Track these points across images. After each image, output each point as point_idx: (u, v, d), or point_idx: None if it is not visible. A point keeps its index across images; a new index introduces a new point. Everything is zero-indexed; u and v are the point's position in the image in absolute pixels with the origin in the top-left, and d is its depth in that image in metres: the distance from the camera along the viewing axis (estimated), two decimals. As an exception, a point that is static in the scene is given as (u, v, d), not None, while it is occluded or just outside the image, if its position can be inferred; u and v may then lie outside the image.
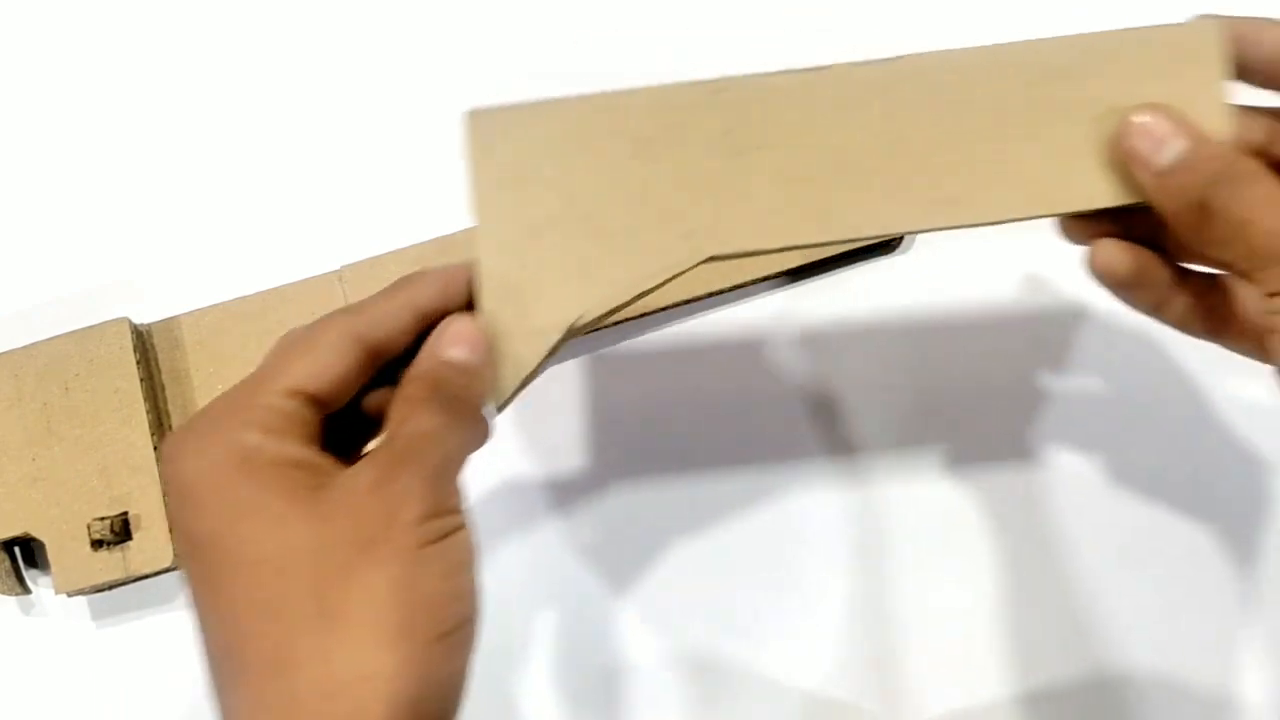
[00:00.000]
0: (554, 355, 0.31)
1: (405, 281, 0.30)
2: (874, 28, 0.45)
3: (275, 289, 0.42)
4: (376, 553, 0.25)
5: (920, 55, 0.31)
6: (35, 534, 0.38)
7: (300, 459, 0.26)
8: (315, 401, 0.27)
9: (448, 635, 0.26)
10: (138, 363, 0.39)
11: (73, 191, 0.44)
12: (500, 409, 0.30)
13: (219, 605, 0.26)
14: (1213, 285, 0.31)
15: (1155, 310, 0.31)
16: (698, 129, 0.31)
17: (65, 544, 0.38)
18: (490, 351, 0.29)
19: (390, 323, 0.29)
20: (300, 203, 0.44)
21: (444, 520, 0.26)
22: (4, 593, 0.39)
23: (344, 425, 0.29)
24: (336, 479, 0.26)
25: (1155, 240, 0.30)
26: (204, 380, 0.41)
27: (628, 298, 0.31)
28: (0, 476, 0.39)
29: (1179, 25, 0.30)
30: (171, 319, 0.41)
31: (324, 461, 0.27)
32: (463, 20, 0.45)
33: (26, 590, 0.40)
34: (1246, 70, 0.29)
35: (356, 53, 0.45)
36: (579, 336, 0.31)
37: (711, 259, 0.31)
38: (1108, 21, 0.31)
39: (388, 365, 0.29)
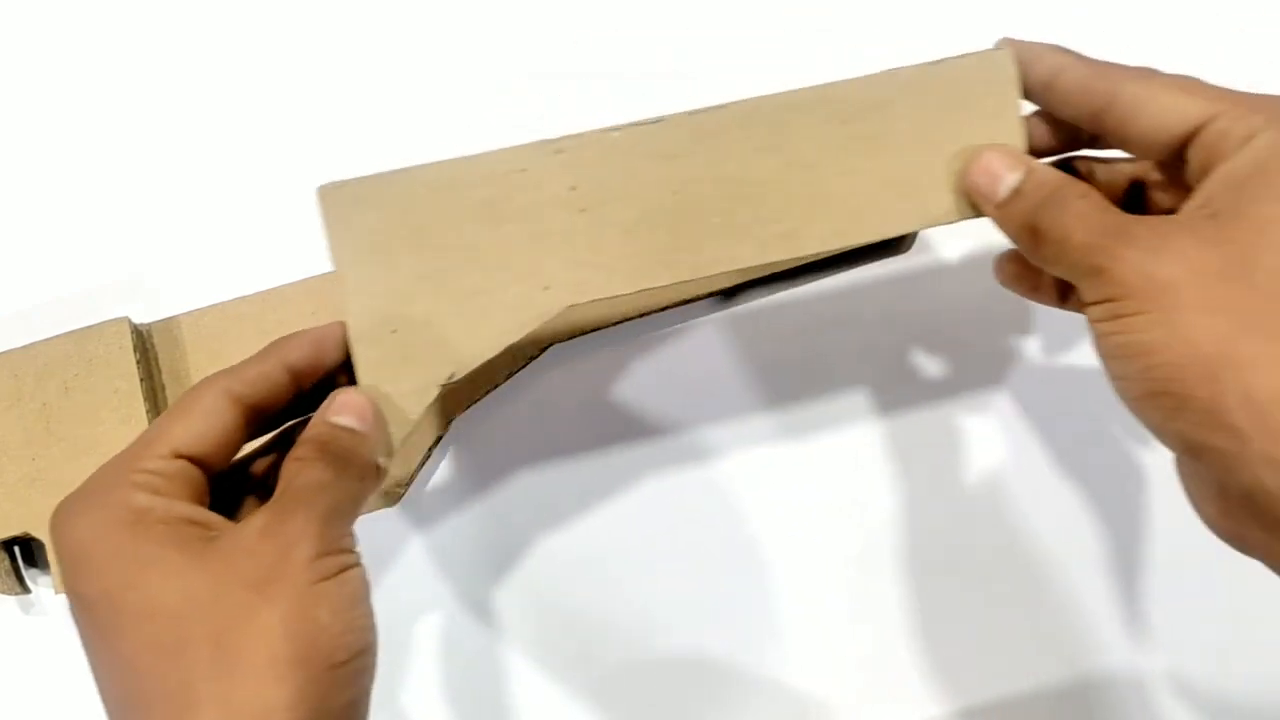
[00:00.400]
0: (433, 411, 0.33)
1: (279, 342, 0.32)
2: (874, 28, 0.45)
3: (275, 289, 0.42)
4: (270, 591, 0.27)
5: (744, 101, 0.33)
6: (35, 534, 0.38)
7: (190, 516, 0.28)
8: (198, 462, 0.29)
9: (343, 665, 0.27)
10: (137, 363, 0.39)
11: (72, 191, 0.44)
12: (390, 485, 0.32)
13: (118, 658, 0.27)
14: None
15: (1031, 294, 0.35)
16: (543, 188, 0.32)
17: (65, 544, 0.38)
18: (378, 417, 0.31)
19: (264, 382, 0.30)
20: (300, 203, 0.44)
21: (336, 558, 0.28)
22: (4, 592, 0.39)
23: (232, 489, 0.31)
24: (229, 530, 0.28)
25: None
26: (204, 380, 0.41)
27: (495, 351, 0.32)
28: (0, 476, 0.39)
29: (977, 54, 0.33)
30: (171, 319, 0.41)
31: (214, 518, 0.28)
32: (463, 21, 0.45)
33: (26, 590, 0.40)
34: (1028, 91, 0.32)
35: (356, 53, 0.45)
36: (453, 386, 0.33)
37: (572, 307, 0.33)
38: (1103, 13, 0.31)
39: (268, 424, 0.31)
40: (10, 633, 0.41)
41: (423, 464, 0.42)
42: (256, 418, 0.31)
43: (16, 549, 0.40)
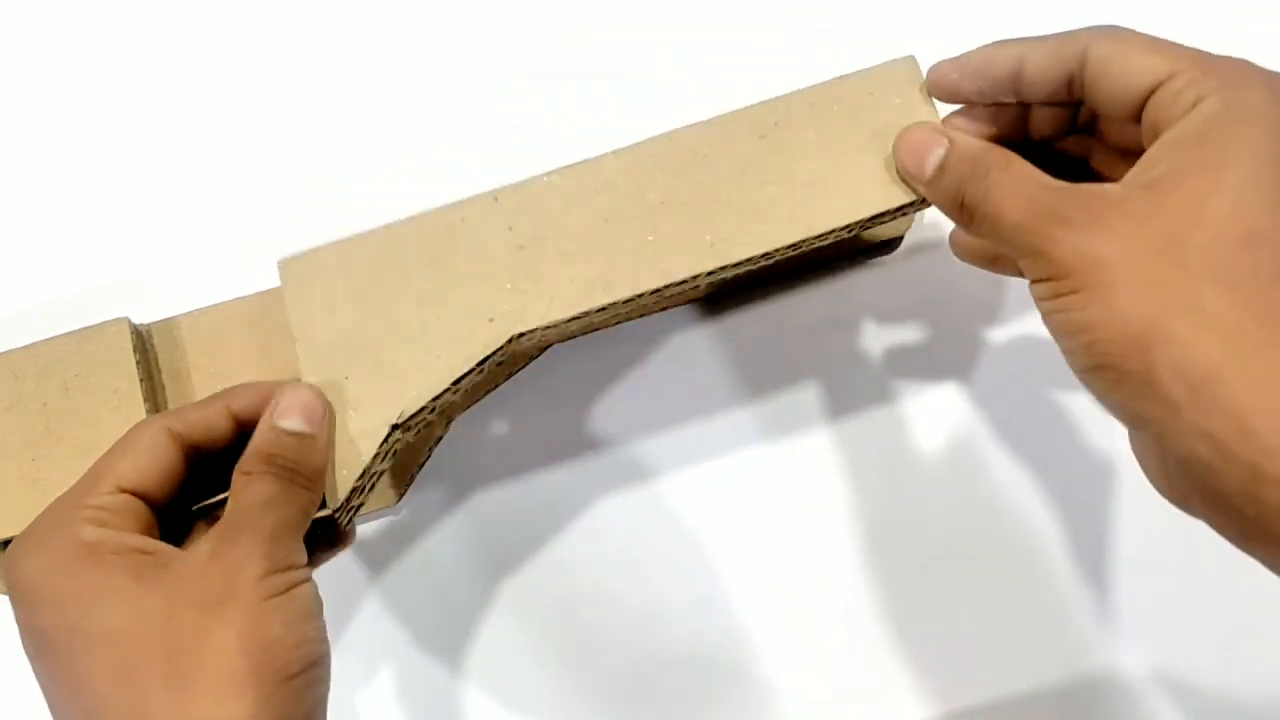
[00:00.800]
0: (386, 454, 0.35)
1: (226, 390, 0.33)
2: (874, 28, 0.45)
3: (275, 289, 0.42)
4: (221, 611, 0.28)
5: (662, 134, 0.35)
6: (35, 534, 0.38)
7: (139, 546, 0.29)
8: (142, 496, 0.30)
9: (296, 677, 0.28)
10: (137, 363, 0.39)
11: (73, 191, 0.44)
12: (343, 513, 0.34)
13: (73, 685, 0.28)
14: None
15: (989, 266, 0.36)
16: (482, 232, 0.35)
17: (65, 544, 0.38)
18: (327, 412, 0.32)
19: (205, 424, 0.32)
20: (300, 203, 0.44)
21: (285, 575, 0.29)
22: (4, 592, 0.39)
23: (176, 525, 0.32)
24: (177, 556, 0.29)
25: None
26: (204, 380, 0.41)
27: (444, 386, 0.34)
28: (0, 477, 0.39)
29: (880, 64, 0.35)
30: (171, 319, 0.41)
31: (162, 547, 0.29)
32: (464, 21, 0.45)
33: (26, 590, 0.40)
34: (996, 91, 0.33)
35: (355, 54, 0.45)
36: (407, 430, 0.35)
37: (518, 336, 0.34)
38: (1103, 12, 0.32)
39: (210, 462, 0.32)
40: (10, 633, 0.41)
41: (422, 465, 0.42)
42: (196, 455, 0.32)
43: (16, 549, 0.40)
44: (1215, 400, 0.25)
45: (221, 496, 0.33)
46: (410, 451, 0.41)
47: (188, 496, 0.32)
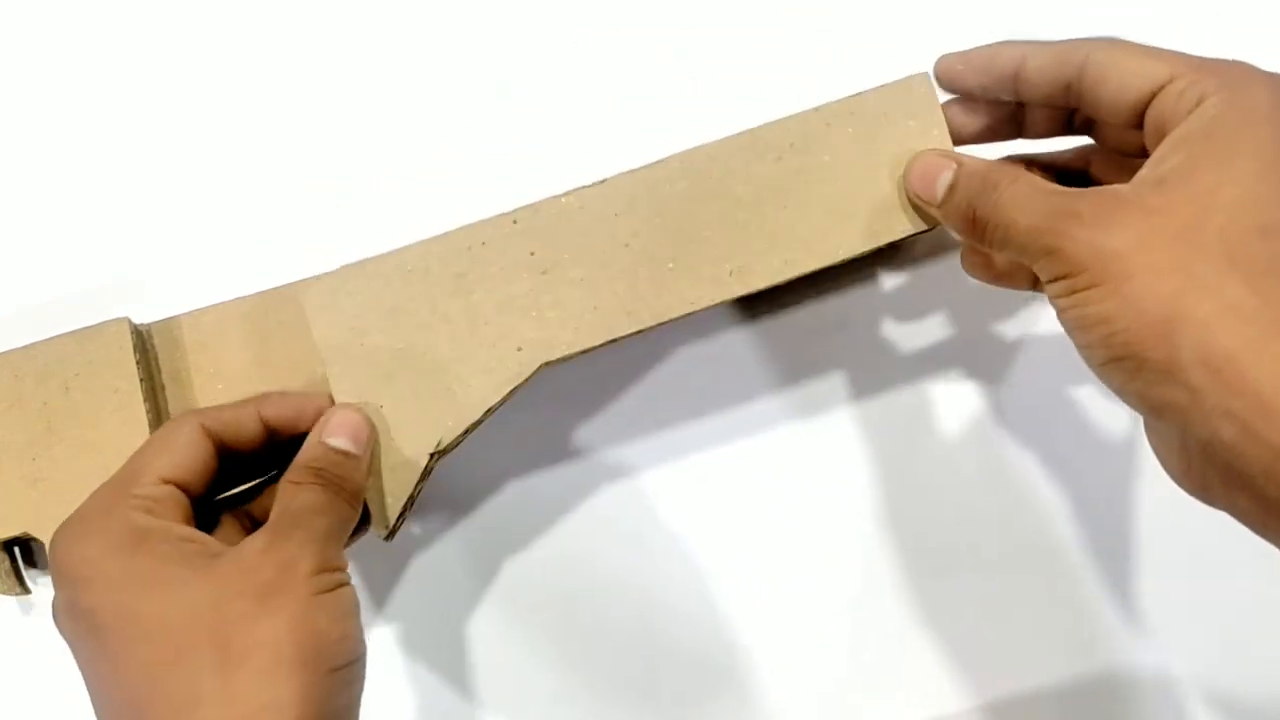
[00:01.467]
0: (428, 478, 0.35)
1: (261, 395, 0.35)
2: (874, 28, 0.45)
3: (275, 289, 0.42)
4: (274, 601, 0.29)
5: (677, 154, 0.35)
6: (35, 534, 0.38)
7: (188, 535, 0.30)
8: (183, 489, 0.32)
9: (339, 670, 0.29)
10: (137, 363, 0.39)
11: (73, 191, 0.44)
12: (390, 536, 0.35)
13: (121, 666, 0.28)
14: None
15: (998, 281, 0.37)
16: (505, 256, 0.35)
17: (65, 544, 0.38)
18: (372, 435, 0.34)
19: (236, 425, 0.34)
20: (300, 203, 0.44)
21: (332, 575, 0.30)
22: (4, 592, 0.39)
23: (203, 519, 0.33)
24: (230, 548, 0.30)
25: None
26: (204, 380, 0.41)
27: (477, 416, 0.35)
28: (0, 477, 0.39)
29: (894, 82, 0.35)
30: (171, 319, 0.41)
31: (208, 538, 0.31)
32: (464, 21, 0.45)
33: (26, 590, 0.40)
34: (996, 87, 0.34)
35: (355, 53, 0.45)
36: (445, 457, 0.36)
37: (545, 365, 0.35)
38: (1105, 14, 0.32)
39: (239, 463, 0.34)
40: (10, 633, 0.41)
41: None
42: (227, 454, 0.33)
43: (17, 549, 0.40)
44: (1238, 382, 0.26)
45: (245, 487, 0.35)
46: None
47: (214, 492, 0.34)
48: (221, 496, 0.35)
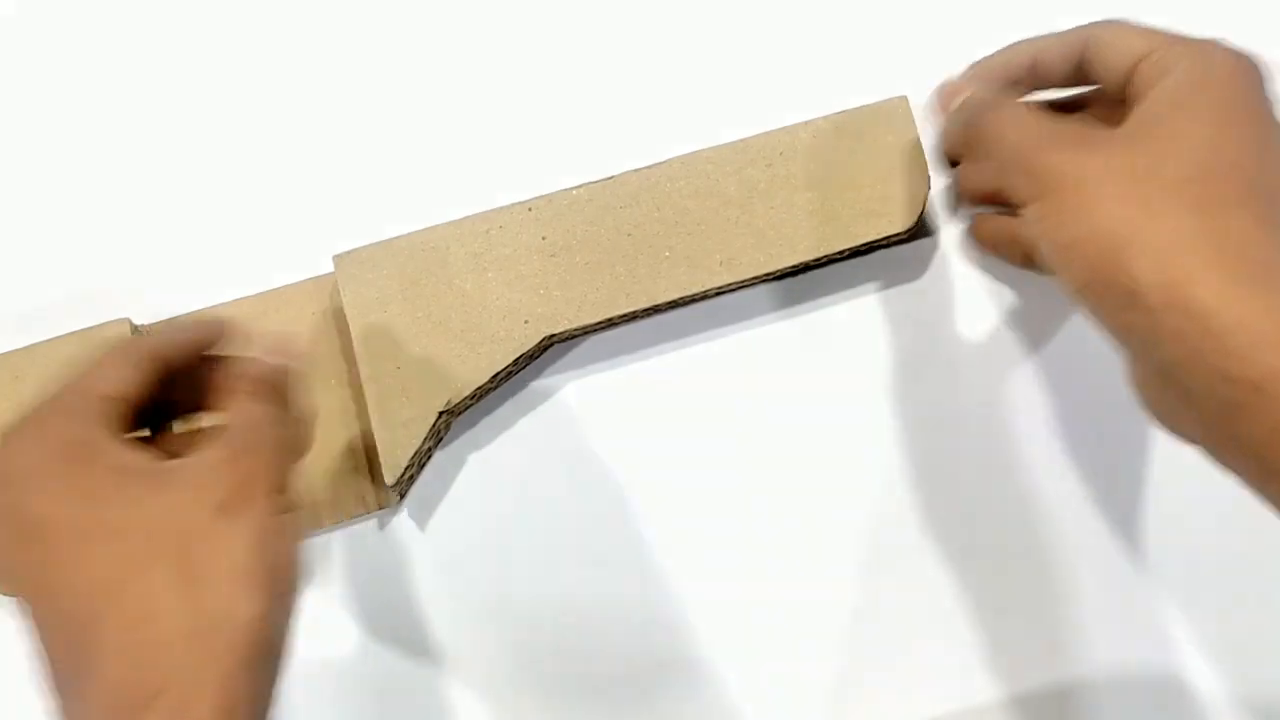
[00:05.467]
0: (435, 435, 0.40)
1: (196, 320, 0.35)
2: (874, 28, 0.45)
3: (274, 289, 0.42)
4: (234, 516, 0.28)
5: (679, 157, 0.39)
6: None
7: (134, 446, 0.30)
8: (126, 403, 0.30)
9: (290, 593, 0.29)
10: (137, 363, 0.39)
11: (73, 192, 0.44)
12: (400, 493, 0.38)
13: (71, 575, 0.28)
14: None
15: (997, 251, 0.41)
16: (519, 239, 0.39)
17: (65, 544, 0.38)
18: (302, 356, 0.34)
19: (176, 346, 0.32)
20: (300, 204, 0.44)
21: (287, 497, 0.30)
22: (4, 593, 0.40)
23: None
24: (182, 461, 0.29)
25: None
26: (204, 380, 0.41)
27: (485, 378, 0.39)
28: (0, 477, 0.39)
29: (882, 103, 0.40)
30: (171, 319, 0.41)
31: (153, 449, 0.30)
32: (466, 22, 0.45)
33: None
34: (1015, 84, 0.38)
35: (355, 53, 0.45)
36: (454, 415, 0.40)
37: (548, 338, 0.39)
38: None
39: (175, 380, 0.32)
40: (10, 632, 0.41)
41: (423, 465, 0.42)
42: (164, 374, 0.32)
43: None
44: (1185, 304, 0.28)
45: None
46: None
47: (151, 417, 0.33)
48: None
